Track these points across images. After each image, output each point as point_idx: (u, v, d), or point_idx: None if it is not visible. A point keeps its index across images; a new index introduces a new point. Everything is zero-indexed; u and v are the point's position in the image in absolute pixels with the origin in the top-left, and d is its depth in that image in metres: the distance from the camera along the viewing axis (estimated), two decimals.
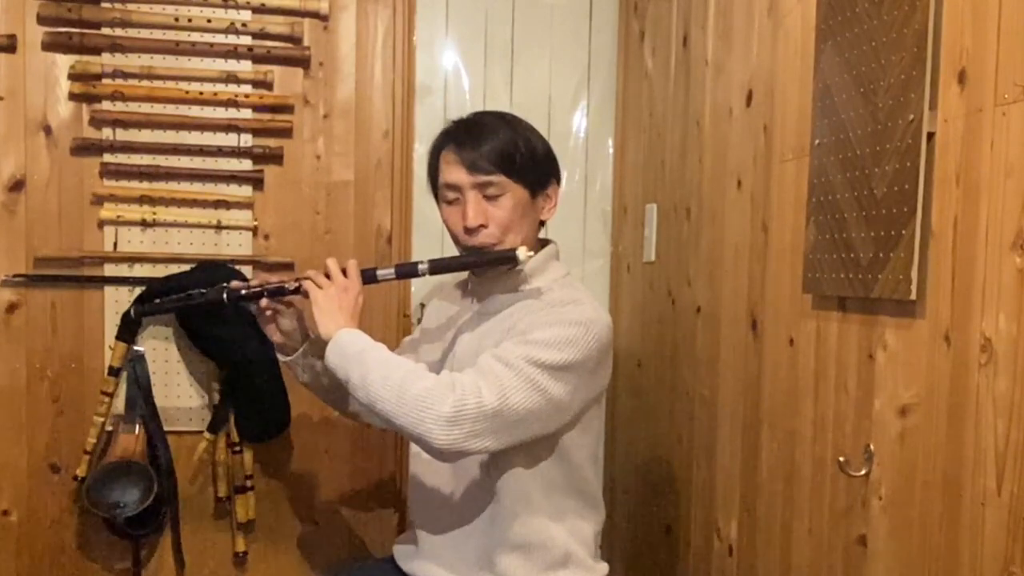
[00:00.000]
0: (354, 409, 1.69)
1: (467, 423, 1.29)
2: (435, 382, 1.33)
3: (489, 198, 1.47)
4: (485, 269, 1.53)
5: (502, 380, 1.32)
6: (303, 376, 1.62)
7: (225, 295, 1.55)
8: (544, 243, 1.56)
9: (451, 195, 1.49)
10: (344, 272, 1.47)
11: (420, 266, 1.50)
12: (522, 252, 1.42)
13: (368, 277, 1.50)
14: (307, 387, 1.66)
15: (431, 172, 1.56)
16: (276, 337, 1.58)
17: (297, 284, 1.50)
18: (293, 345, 1.59)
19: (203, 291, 1.67)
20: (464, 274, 1.62)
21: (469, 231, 1.47)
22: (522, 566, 1.45)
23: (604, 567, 1.55)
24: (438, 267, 1.51)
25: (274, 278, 1.59)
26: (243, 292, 1.55)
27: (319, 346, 1.59)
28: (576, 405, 1.43)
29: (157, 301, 1.81)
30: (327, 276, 1.47)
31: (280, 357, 1.62)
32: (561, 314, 1.40)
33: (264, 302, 1.55)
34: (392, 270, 1.52)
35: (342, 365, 1.39)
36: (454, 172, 1.48)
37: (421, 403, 1.30)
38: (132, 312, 1.84)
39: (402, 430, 1.34)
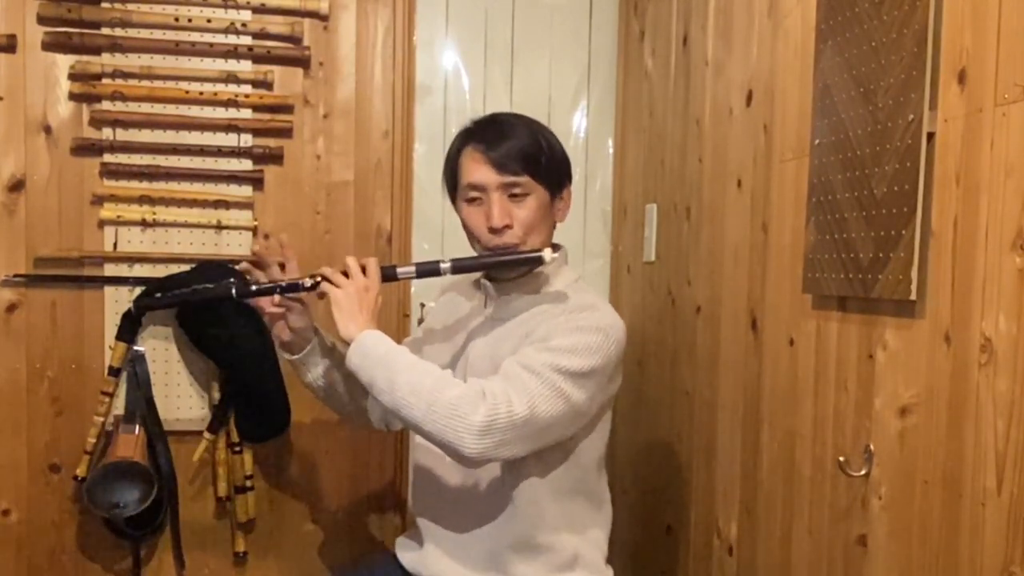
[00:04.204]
0: (350, 411, 1.67)
1: (499, 432, 1.29)
2: (465, 390, 1.32)
3: (514, 198, 1.45)
4: (505, 270, 1.51)
5: (530, 388, 1.32)
6: (309, 375, 1.59)
7: (234, 291, 1.50)
8: (555, 248, 1.55)
9: (474, 195, 1.47)
10: (363, 271, 1.44)
11: (442, 265, 1.46)
12: (547, 253, 1.42)
13: (388, 275, 1.47)
14: (309, 387, 1.63)
15: (449, 172, 1.53)
16: (285, 335, 1.55)
17: (313, 281, 1.46)
18: (301, 343, 1.56)
19: (209, 286, 1.64)
20: (471, 276, 1.61)
21: (494, 231, 1.45)
22: (531, 567, 1.45)
23: (610, 573, 1.55)
24: (460, 267, 1.48)
25: (271, 272, 1.56)
26: (253, 288, 1.51)
27: (326, 345, 1.59)
28: (594, 410, 1.43)
29: (158, 295, 1.80)
30: (345, 274, 1.43)
31: (286, 355, 1.59)
32: (581, 320, 1.40)
33: (276, 299, 1.51)
34: (412, 268, 1.50)
35: (365, 367, 1.36)
36: (480, 172, 1.46)
37: (452, 411, 1.29)
38: (132, 308, 1.82)
39: (429, 436, 1.32)
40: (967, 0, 1.04)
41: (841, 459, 1.24)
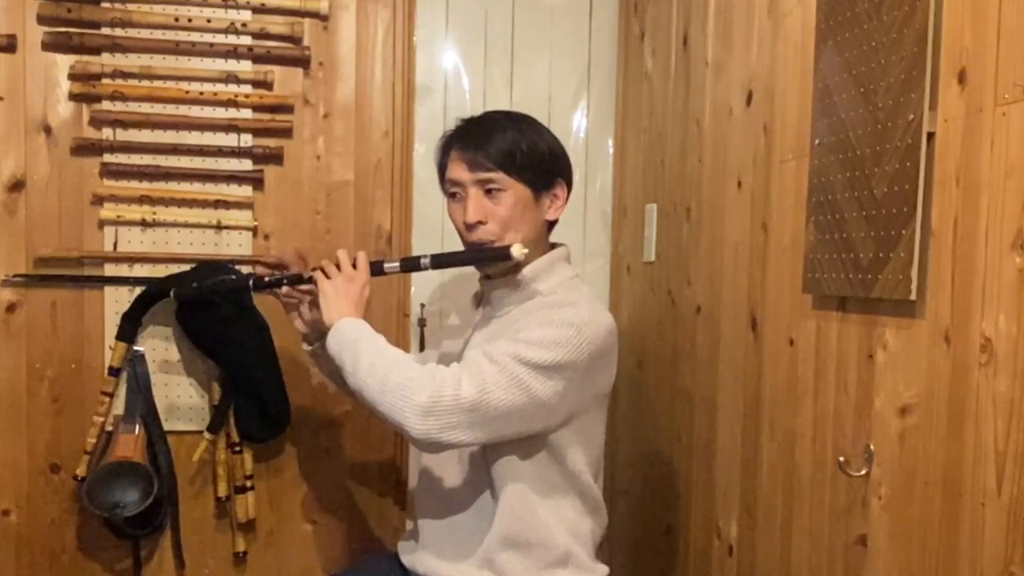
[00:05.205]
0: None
1: (443, 414, 1.31)
2: (418, 372, 1.35)
3: (490, 195, 1.49)
4: (486, 266, 1.55)
5: (485, 375, 1.34)
6: (325, 367, 1.67)
7: (251, 282, 1.67)
8: (554, 246, 1.57)
9: (454, 191, 1.52)
10: (353, 263, 1.51)
11: (423, 260, 1.54)
12: (516, 249, 1.43)
13: (376, 269, 1.54)
14: (329, 378, 1.71)
15: (439, 169, 1.58)
16: (299, 326, 1.66)
17: (311, 274, 1.55)
18: (315, 335, 1.64)
19: (233, 276, 1.83)
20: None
21: (468, 227, 1.49)
22: (521, 564, 1.46)
23: (604, 569, 1.55)
24: (439, 262, 1.54)
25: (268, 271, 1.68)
26: (266, 279, 1.64)
27: None
28: (565, 406, 1.42)
29: (195, 285, 1.84)
30: (337, 266, 1.51)
31: (304, 346, 1.69)
32: (555, 315, 1.41)
33: (284, 290, 1.63)
34: (397, 263, 1.57)
35: (339, 352, 1.42)
36: (457, 169, 1.51)
37: (400, 391, 1.32)
38: (172, 293, 1.83)
39: (384, 417, 1.36)
40: (967, 0, 1.04)
41: (841, 459, 1.24)
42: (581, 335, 1.39)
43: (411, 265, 1.57)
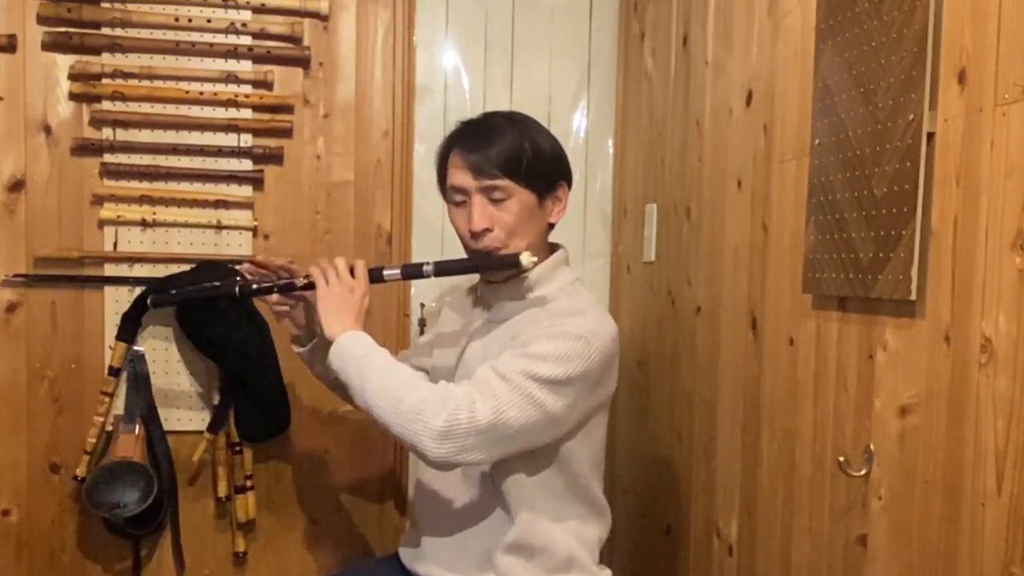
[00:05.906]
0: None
1: (460, 438, 1.29)
2: (429, 394, 1.33)
3: (495, 202, 1.46)
4: (491, 273, 1.52)
5: (498, 394, 1.32)
6: (316, 367, 1.66)
7: (237, 289, 1.60)
8: (554, 248, 1.56)
9: (457, 198, 1.49)
10: (352, 272, 1.47)
11: (425, 267, 1.49)
12: (525, 258, 1.40)
13: (375, 277, 1.50)
14: (319, 378, 1.69)
15: (439, 173, 1.55)
16: (291, 329, 1.64)
17: (306, 281, 1.52)
18: (307, 337, 1.64)
19: (216, 284, 1.74)
20: (476, 279, 1.62)
21: (474, 235, 1.46)
22: (524, 569, 1.45)
23: (607, 573, 1.55)
24: (442, 269, 1.50)
25: (277, 263, 1.64)
26: (255, 287, 1.60)
27: (327, 343, 1.60)
28: (576, 417, 1.42)
29: (172, 292, 1.82)
30: (336, 274, 1.48)
31: (295, 348, 1.67)
32: (562, 326, 1.39)
33: (275, 297, 1.59)
34: (398, 270, 1.53)
35: (343, 368, 1.39)
36: (460, 176, 1.47)
37: (414, 415, 1.30)
38: (149, 301, 1.82)
39: (398, 439, 1.35)
40: (967, 0, 1.04)
41: (841, 459, 1.24)
42: (590, 347, 1.37)
43: (413, 272, 1.53)
